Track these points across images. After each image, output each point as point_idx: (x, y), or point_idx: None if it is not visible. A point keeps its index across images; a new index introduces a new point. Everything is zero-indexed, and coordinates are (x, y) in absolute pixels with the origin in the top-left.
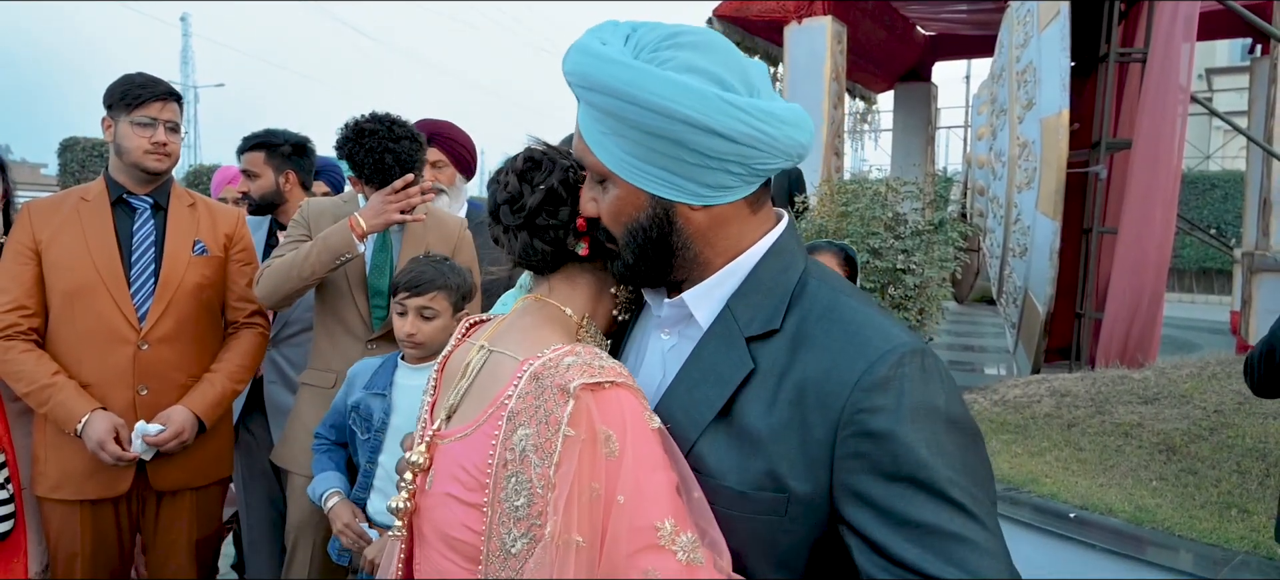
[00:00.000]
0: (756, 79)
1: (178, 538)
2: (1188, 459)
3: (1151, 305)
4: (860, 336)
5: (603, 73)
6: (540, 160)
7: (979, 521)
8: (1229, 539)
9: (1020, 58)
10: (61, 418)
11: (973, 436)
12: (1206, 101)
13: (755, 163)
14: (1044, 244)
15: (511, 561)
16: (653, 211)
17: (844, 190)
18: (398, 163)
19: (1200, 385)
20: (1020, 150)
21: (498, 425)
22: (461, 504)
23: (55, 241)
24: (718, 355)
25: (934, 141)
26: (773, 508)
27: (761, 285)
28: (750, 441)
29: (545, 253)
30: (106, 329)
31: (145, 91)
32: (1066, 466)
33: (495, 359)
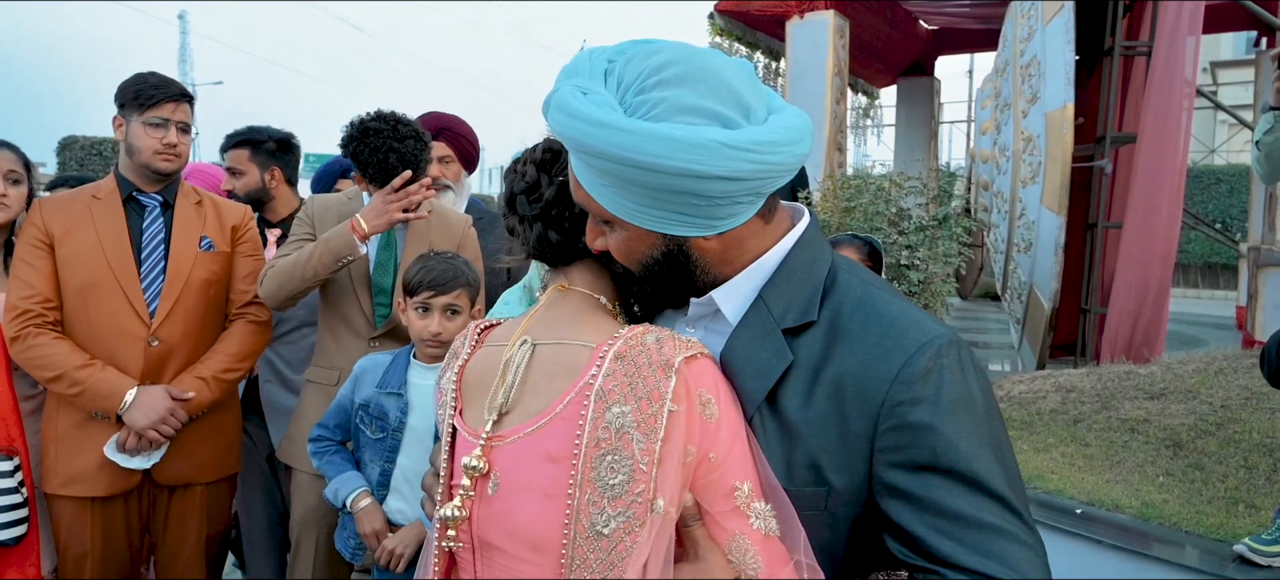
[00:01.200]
0: (747, 94)
1: (187, 535)
2: (1194, 454)
3: (1157, 300)
4: (896, 329)
5: (596, 139)
6: (559, 152)
7: (1016, 513)
8: (1236, 534)
9: (1024, 52)
10: (102, 396)
11: (1005, 430)
12: (1211, 95)
13: (763, 189)
14: (1049, 239)
15: (602, 542)
16: (666, 248)
17: (847, 185)
18: (402, 162)
19: (1207, 380)
20: (1025, 145)
21: (582, 408)
22: (545, 497)
23: (68, 238)
24: (754, 347)
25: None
26: (814, 502)
27: (794, 277)
28: (790, 434)
29: (560, 244)
30: (118, 325)
31: (159, 92)
32: (1072, 462)
33: (551, 350)
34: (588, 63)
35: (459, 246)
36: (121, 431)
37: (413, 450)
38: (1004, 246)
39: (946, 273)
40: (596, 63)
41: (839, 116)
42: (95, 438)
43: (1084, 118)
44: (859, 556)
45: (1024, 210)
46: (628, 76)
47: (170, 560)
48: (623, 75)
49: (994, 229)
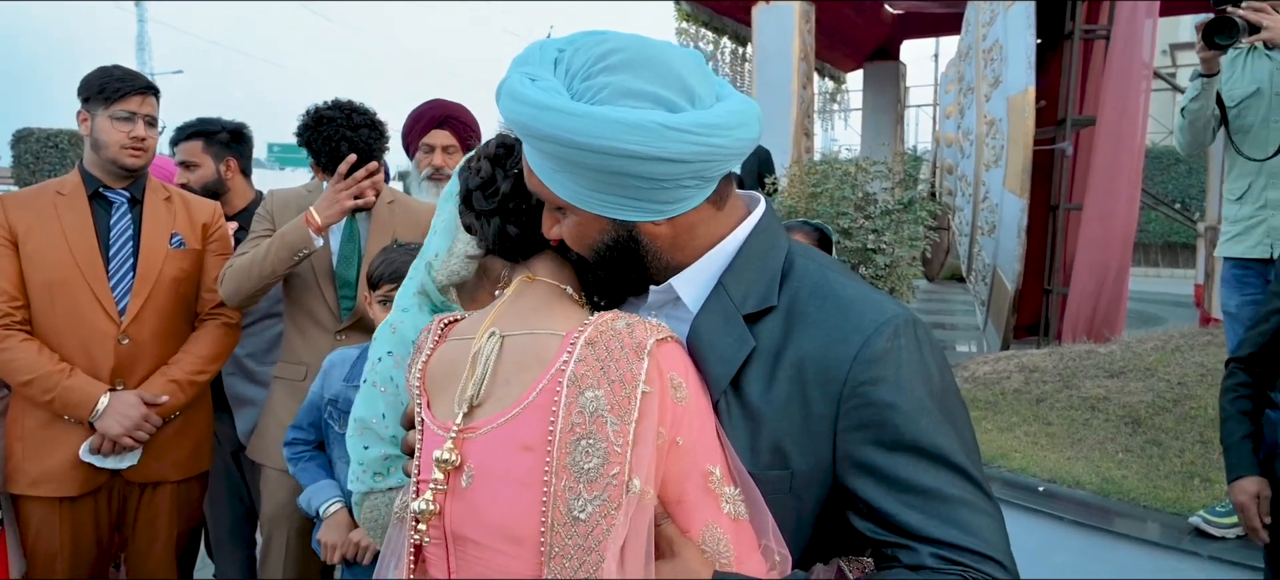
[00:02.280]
0: (693, 82)
1: (158, 533)
2: (1152, 431)
3: (1117, 280)
4: (854, 311)
5: (542, 122)
6: (513, 146)
7: (975, 483)
8: (1192, 507)
9: (986, 36)
10: (74, 403)
11: (962, 402)
12: (1170, 77)
13: (709, 172)
14: (1012, 221)
15: (579, 527)
16: (615, 233)
17: (814, 171)
18: (355, 150)
19: (1165, 358)
20: (987, 128)
21: (555, 395)
22: (521, 486)
23: (32, 234)
24: (717, 333)
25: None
26: (778, 485)
27: (752, 263)
28: (754, 419)
29: (519, 238)
30: (86, 323)
31: (124, 85)
32: (1035, 441)
33: (520, 340)
34: (538, 53)
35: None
36: (95, 436)
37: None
38: (968, 229)
39: (913, 256)
40: (547, 52)
41: (806, 101)
42: (63, 437)
43: (1045, 101)
44: (825, 540)
45: (987, 193)
46: (575, 64)
47: (141, 558)
48: (571, 63)
49: (959, 212)
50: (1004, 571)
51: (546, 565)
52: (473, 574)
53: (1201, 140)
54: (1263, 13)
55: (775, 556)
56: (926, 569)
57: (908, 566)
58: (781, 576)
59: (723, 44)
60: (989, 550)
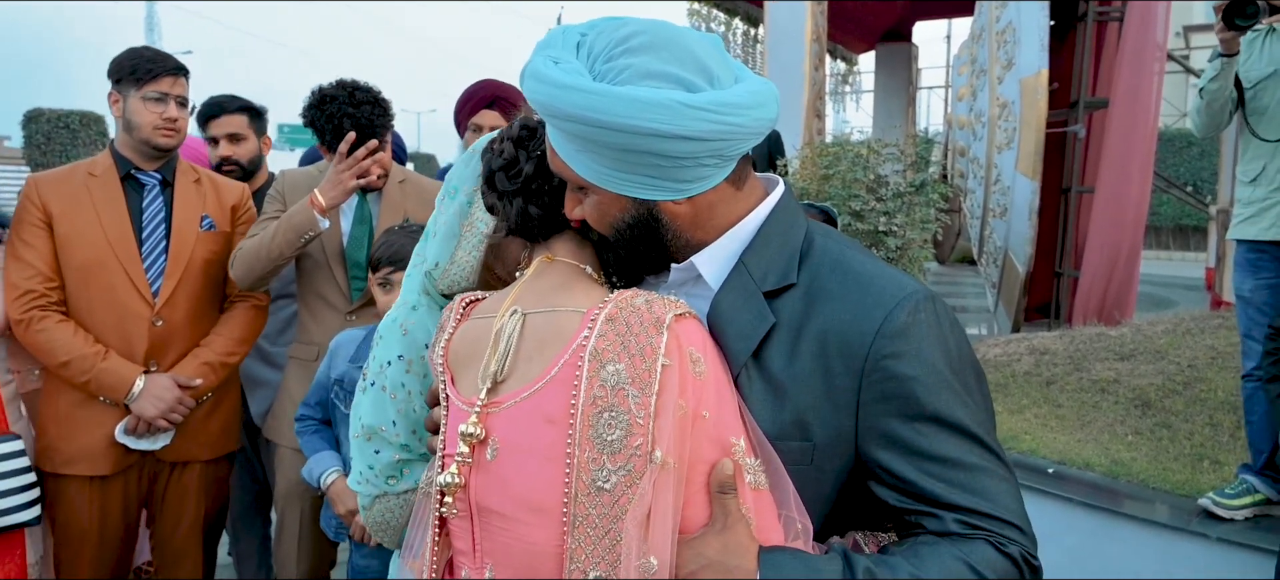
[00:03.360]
0: (712, 64)
1: (185, 511)
2: (1162, 413)
3: (1128, 263)
4: (875, 286)
5: (563, 102)
6: (535, 129)
7: (993, 453)
8: (1202, 489)
9: (1000, 17)
10: (110, 385)
11: (979, 374)
12: (1183, 59)
13: (728, 151)
14: (1023, 204)
15: (603, 497)
16: (636, 212)
17: (826, 153)
18: (357, 128)
19: (1175, 341)
20: (1000, 110)
21: (577, 369)
22: (545, 460)
23: (66, 216)
24: (737, 310)
25: (915, 102)
26: (800, 456)
27: (772, 241)
28: (776, 390)
29: (541, 218)
30: (121, 305)
31: (156, 66)
32: (1045, 423)
33: (541, 318)
34: (561, 36)
35: None
36: (130, 417)
37: None
38: (980, 212)
39: (924, 238)
40: (569, 36)
41: (817, 83)
42: (97, 417)
43: (1058, 83)
44: (845, 512)
45: (999, 176)
46: (597, 47)
47: (168, 535)
48: (593, 46)
49: (970, 194)
50: (1024, 536)
51: (570, 534)
52: (497, 544)
53: (1218, 122)
54: None
55: (797, 525)
56: (952, 535)
57: (934, 533)
58: (805, 547)
59: (734, 25)
60: (1009, 515)
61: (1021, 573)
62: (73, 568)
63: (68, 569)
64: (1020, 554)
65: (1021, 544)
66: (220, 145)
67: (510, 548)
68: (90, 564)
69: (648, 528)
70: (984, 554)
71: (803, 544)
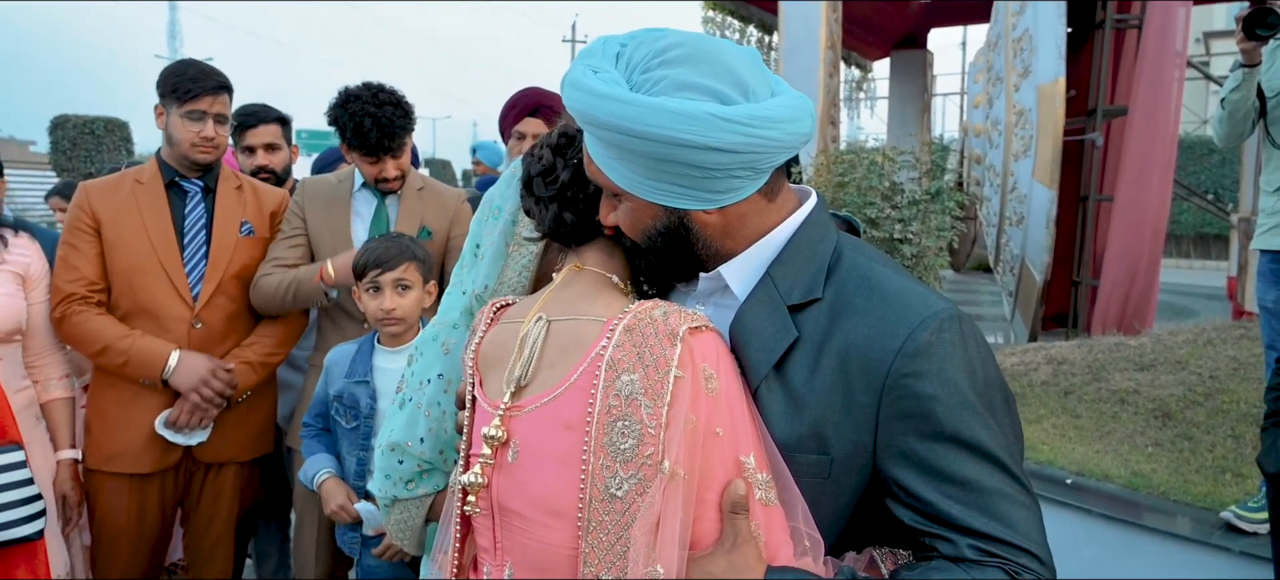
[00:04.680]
0: (747, 76)
1: (220, 510)
2: (1183, 425)
3: (1148, 272)
4: (899, 303)
5: (601, 111)
6: (574, 137)
7: (1014, 477)
8: (1223, 502)
9: (1016, 25)
10: (146, 362)
11: (1006, 395)
12: (1202, 66)
13: (760, 163)
14: (1040, 212)
15: (616, 504)
16: (667, 220)
17: (840, 160)
18: (377, 127)
19: (1196, 352)
20: (1017, 118)
21: (594, 378)
22: (562, 464)
23: (114, 222)
24: (761, 322)
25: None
26: (817, 470)
27: (800, 255)
28: (796, 403)
29: (574, 225)
30: (163, 308)
31: (196, 85)
32: (1063, 433)
33: (565, 325)
34: (602, 47)
35: (452, 222)
36: (172, 408)
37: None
38: (996, 220)
39: (940, 246)
40: (609, 47)
41: (832, 90)
42: (138, 416)
43: (1075, 91)
44: (861, 529)
45: (1016, 184)
46: (635, 57)
47: (201, 534)
48: (631, 57)
49: (986, 202)
50: (1040, 565)
51: (584, 539)
52: (516, 543)
53: (1240, 132)
54: None
55: (805, 540)
56: (966, 561)
57: (947, 558)
58: (816, 565)
59: (749, 33)
60: (1026, 543)
61: None
62: (108, 565)
63: (103, 566)
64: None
65: (1037, 573)
66: (257, 155)
67: (528, 547)
68: (126, 561)
69: (656, 536)
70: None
71: (811, 558)
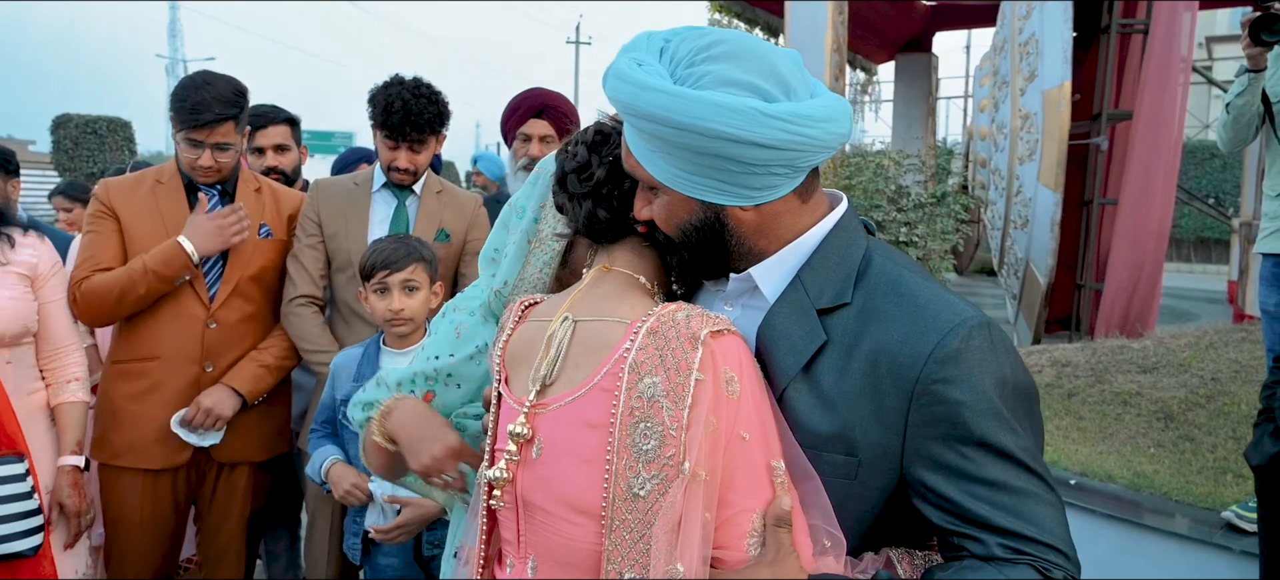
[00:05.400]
0: (790, 76)
1: (232, 510)
2: (1185, 426)
3: (1151, 275)
4: (929, 311)
5: (644, 102)
6: (609, 134)
7: (1040, 478)
8: (1225, 503)
9: (1022, 29)
10: (165, 260)
11: (1032, 399)
12: (1206, 71)
13: (799, 162)
14: (1045, 216)
15: (639, 503)
16: (703, 215)
17: (847, 163)
18: (405, 110)
19: (1198, 354)
20: (1022, 122)
21: (617, 379)
22: (585, 462)
23: (134, 218)
24: (790, 324)
25: (935, 113)
26: (844, 471)
27: (830, 259)
28: (826, 404)
29: (607, 222)
30: (180, 307)
31: (194, 117)
32: (1067, 435)
33: (590, 326)
34: (645, 41)
35: (469, 226)
36: (189, 407)
37: None
38: (1001, 223)
39: (944, 249)
40: (654, 42)
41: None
42: (149, 412)
43: (1081, 95)
44: (885, 530)
45: (1021, 187)
46: (680, 53)
47: (213, 533)
48: (675, 52)
49: (991, 206)
50: (1067, 560)
51: (608, 536)
52: (539, 538)
53: (1244, 137)
54: None
55: (825, 539)
56: (996, 559)
57: (978, 557)
58: (837, 564)
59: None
60: (1053, 540)
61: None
62: (121, 561)
63: (116, 562)
64: (1064, 578)
65: (1065, 568)
66: (267, 156)
67: (551, 543)
68: (138, 557)
69: (677, 536)
70: (1027, 578)
71: (832, 558)
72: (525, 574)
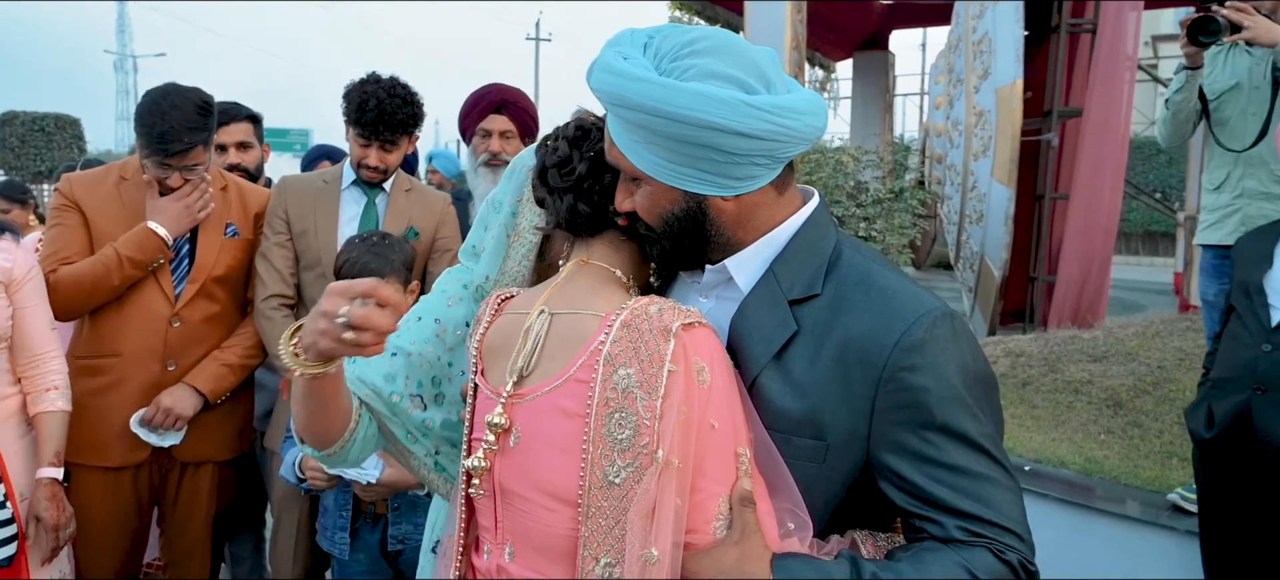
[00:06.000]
0: (769, 71)
1: (196, 510)
2: (1133, 413)
3: (1101, 268)
4: (897, 301)
5: (631, 92)
6: (589, 130)
7: (999, 463)
8: (1170, 485)
9: (976, 28)
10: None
11: (992, 387)
12: (1151, 68)
13: (778, 153)
14: (999, 210)
15: (614, 490)
16: (686, 205)
17: (806, 160)
18: (378, 110)
19: (1145, 343)
20: (976, 119)
21: (593, 370)
22: (562, 451)
23: (100, 214)
24: (763, 314)
25: (892, 109)
26: (813, 454)
27: (802, 252)
28: (797, 390)
29: (588, 216)
30: (143, 305)
31: (163, 148)
32: (1021, 423)
33: (566, 319)
34: (629, 36)
35: (438, 224)
36: (148, 407)
37: None
38: (957, 218)
39: (902, 243)
40: (637, 38)
41: None
42: (110, 408)
43: (1032, 93)
44: (851, 511)
45: (975, 182)
46: (664, 48)
47: (179, 533)
48: (659, 47)
49: (947, 201)
50: (1021, 542)
51: (584, 523)
52: (517, 524)
53: (1183, 133)
54: (1244, 13)
55: (789, 521)
56: (954, 541)
57: (937, 539)
58: (802, 545)
59: None
60: (1008, 523)
61: (1019, 578)
62: (85, 560)
63: (81, 560)
64: (1018, 560)
65: (1020, 551)
66: (229, 153)
67: (529, 529)
68: (100, 557)
69: (651, 521)
70: (984, 561)
71: (797, 539)
72: (502, 560)
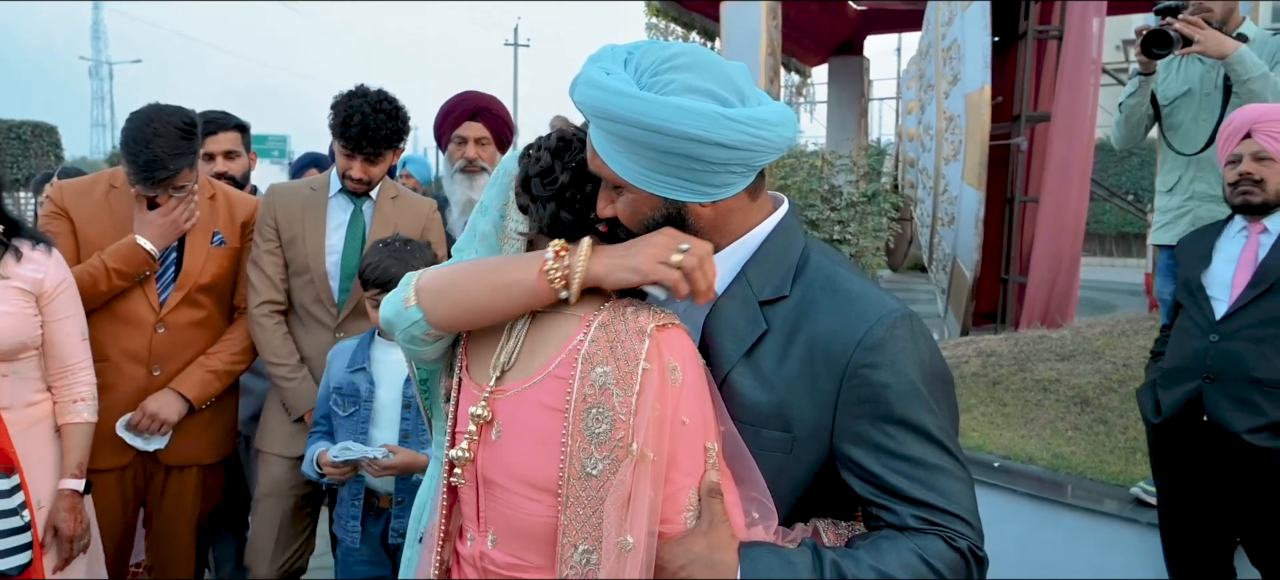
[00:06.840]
0: (743, 85)
1: (182, 512)
2: (1100, 410)
3: (1069, 269)
4: (860, 303)
5: (614, 105)
6: (571, 141)
7: (953, 455)
8: (1134, 479)
9: (946, 35)
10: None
11: (948, 385)
12: (1119, 73)
13: (753, 161)
14: (970, 213)
15: (592, 482)
16: (665, 211)
17: (781, 164)
18: (363, 125)
19: (1111, 342)
20: (947, 124)
21: (572, 368)
22: (542, 443)
23: (90, 222)
24: (735, 314)
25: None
26: (781, 446)
27: (772, 255)
28: (766, 385)
29: (569, 223)
30: (129, 311)
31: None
32: (991, 421)
33: (547, 318)
34: (610, 53)
35: (423, 230)
36: (134, 412)
37: (383, 422)
38: (929, 221)
39: (877, 246)
40: (618, 54)
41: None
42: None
43: (1001, 97)
44: (815, 501)
45: (947, 186)
46: (644, 63)
47: (165, 535)
48: (639, 62)
49: (920, 204)
50: (970, 529)
51: (563, 512)
52: (498, 513)
53: (1136, 136)
54: (1195, 27)
55: (754, 511)
56: (909, 529)
57: (893, 527)
58: (766, 533)
59: (691, 39)
60: (959, 511)
61: (968, 563)
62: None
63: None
64: (968, 547)
65: (969, 538)
66: (216, 161)
67: (510, 517)
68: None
69: (627, 510)
70: (936, 548)
71: (762, 528)
72: (485, 547)
